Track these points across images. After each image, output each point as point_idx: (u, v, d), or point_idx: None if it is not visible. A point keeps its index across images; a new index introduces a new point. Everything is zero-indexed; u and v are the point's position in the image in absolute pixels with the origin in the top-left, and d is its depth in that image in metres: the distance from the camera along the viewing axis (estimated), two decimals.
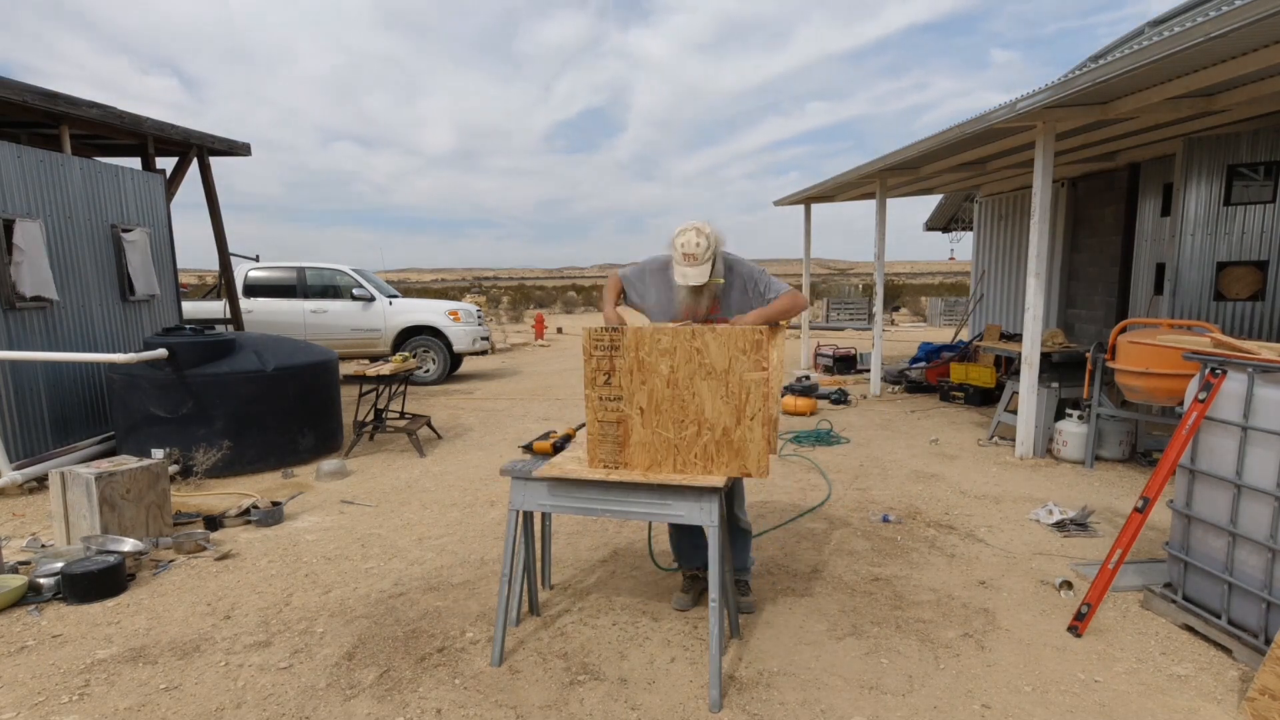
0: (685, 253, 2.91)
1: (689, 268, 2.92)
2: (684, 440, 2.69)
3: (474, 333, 10.83)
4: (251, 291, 10.28)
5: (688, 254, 2.91)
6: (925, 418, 7.81)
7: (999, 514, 4.65)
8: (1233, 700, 2.60)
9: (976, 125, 5.96)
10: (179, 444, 5.46)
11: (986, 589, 3.55)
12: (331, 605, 3.45)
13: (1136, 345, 4.53)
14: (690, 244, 2.90)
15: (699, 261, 2.91)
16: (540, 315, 21.15)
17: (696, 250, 2.89)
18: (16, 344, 5.53)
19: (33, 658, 2.98)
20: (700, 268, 2.92)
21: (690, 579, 3.46)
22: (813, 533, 4.35)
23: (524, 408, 8.70)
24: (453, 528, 4.52)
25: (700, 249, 2.89)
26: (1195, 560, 3.10)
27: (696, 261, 2.90)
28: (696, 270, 2.92)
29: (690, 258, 2.91)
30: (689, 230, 2.93)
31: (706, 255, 2.91)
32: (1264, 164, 6.47)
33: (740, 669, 2.85)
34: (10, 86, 5.87)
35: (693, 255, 2.90)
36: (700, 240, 2.90)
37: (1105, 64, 4.50)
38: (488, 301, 30.45)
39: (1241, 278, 6.68)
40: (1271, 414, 2.76)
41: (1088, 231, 10.12)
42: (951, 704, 2.61)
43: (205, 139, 8.40)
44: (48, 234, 5.85)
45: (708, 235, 2.93)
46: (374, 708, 2.62)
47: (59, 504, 4.07)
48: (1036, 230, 5.77)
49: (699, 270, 2.92)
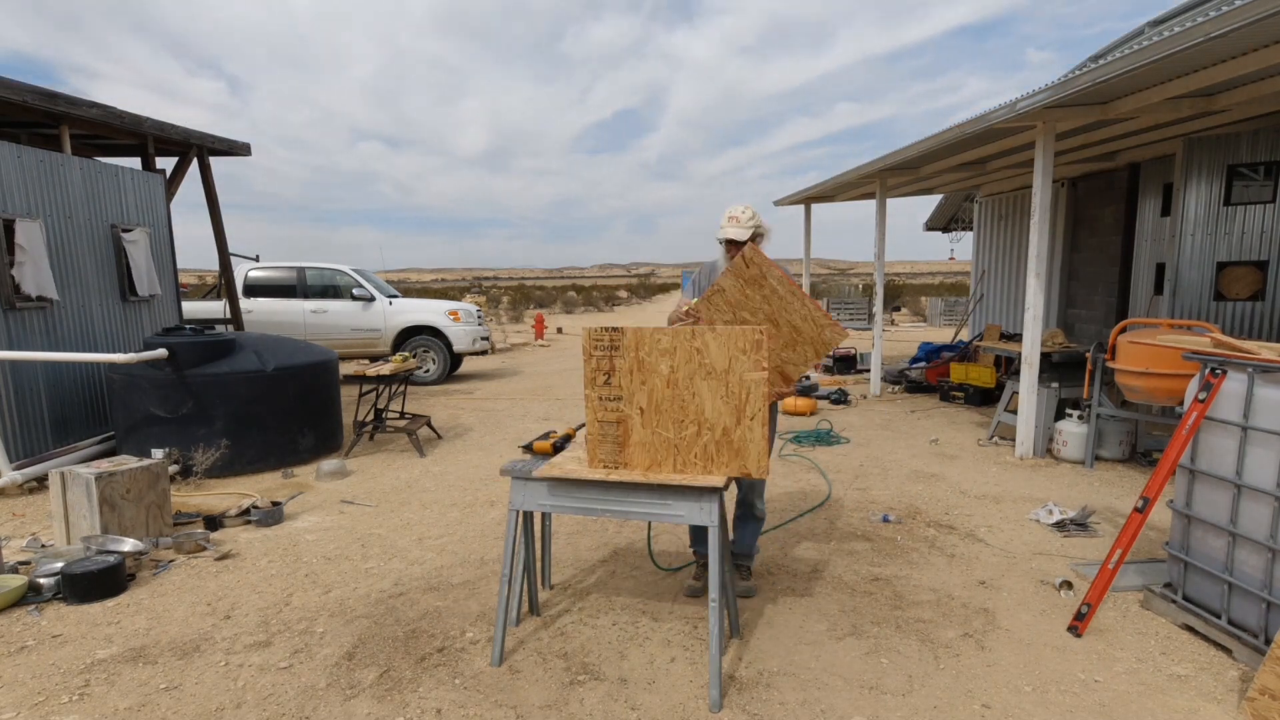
0: (731, 215, 3.33)
1: (730, 227, 3.31)
2: (684, 440, 2.70)
3: (474, 333, 10.84)
4: (251, 291, 10.28)
5: (732, 216, 3.32)
6: (925, 418, 7.81)
7: (999, 514, 4.65)
8: (1233, 700, 2.60)
9: (976, 125, 5.96)
10: (179, 444, 5.46)
11: (986, 589, 3.55)
12: (331, 605, 3.45)
13: (1136, 345, 4.53)
14: (737, 210, 3.34)
15: (741, 224, 3.30)
16: (540, 315, 21.15)
17: (740, 215, 3.32)
18: (16, 344, 5.53)
19: (33, 658, 2.98)
20: (741, 229, 3.29)
21: (703, 566, 3.56)
22: (813, 533, 4.35)
23: (524, 408, 8.70)
24: (453, 528, 4.52)
25: (744, 216, 3.32)
26: (1195, 560, 3.10)
27: (739, 224, 3.30)
28: (737, 229, 3.29)
29: (734, 220, 3.31)
30: (739, 205, 3.37)
31: (749, 221, 3.30)
32: (1264, 164, 6.47)
33: (740, 669, 2.86)
34: (10, 86, 5.87)
35: (736, 218, 3.31)
36: (746, 211, 3.34)
37: (1105, 64, 4.50)
38: (488, 301, 30.46)
39: (1241, 278, 6.68)
40: (1271, 414, 2.76)
41: (1088, 231, 10.12)
42: (951, 704, 2.61)
43: (205, 139, 8.40)
44: (48, 234, 5.85)
45: (754, 212, 3.37)
46: (374, 708, 2.62)
47: (59, 504, 4.07)
48: (1036, 230, 5.77)
49: (740, 230, 3.29)
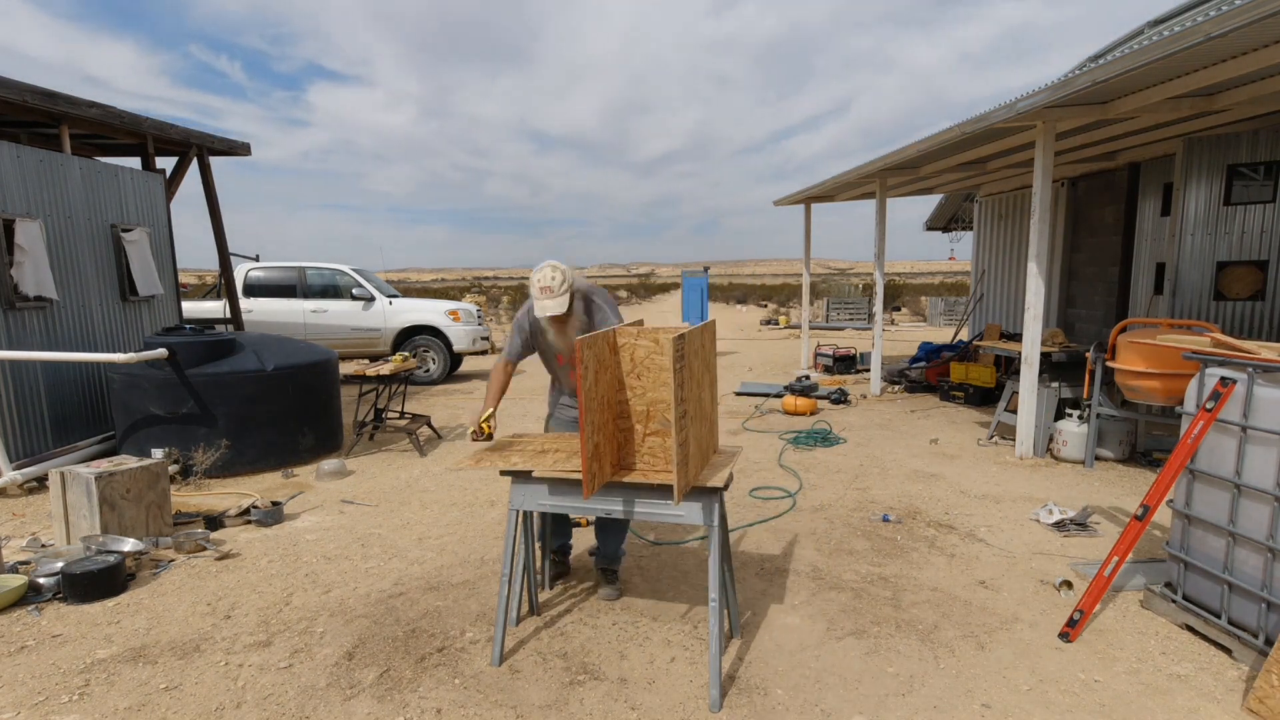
0: (542, 287, 3.10)
1: (547, 300, 3.10)
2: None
3: (474, 332, 10.83)
4: (251, 291, 10.28)
5: (544, 288, 3.10)
6: (925, 417, 7.81)
7: (999, 514, 4.65)
8: (1233, 700, 2.60)
9: (976, 125, 5.96)
10: (179, 444, 5.46)
11: (986, 589, 3.55)
12: (331, 605, 3.45)
13: (1136, 345, 4.53)
14: (545, 278, 3.10)
15: (555, 294, 3.09)
16: None
17: (551, 284, 3.09)
18: (16, 344, 5.53)
19: (33, 658, 2.98)
20: (557, 300, 3.09)
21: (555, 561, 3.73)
22: (813, 533, 4.35)
23: (524, 407, 8.70)
24: (453, 528, 4.52)
25: (555, 282, 3.09)
26: (1195, 560, 3.10)
27: (553, 294, 3.09)
28: (554, 301, 3.09)
29: (547, 290, 3.09)
30: (545, 268, 3.14)
31: (562, 288, 3.09)
32: (1264, 164, 6.47)
33: (740, 669, 2.86)
34: (10, 86, 5.87)
35: (549, 289, 3.09)
36: (555, 275, 3.10)
37: (1105, 64, 4.49)
38: (487, 301, 30.45)
39: (1241, 277, 6.68)
40: (1271, 414, 2.76)
41: (1088, 231, 10.12)
42: (951, 704, 2.61)
43: (205, 139, 8.39)
44: (48, 234, 5.85)
45: (562, 270, 3.13)
46: (374, 707, 2.62)
47: (59, 504, 4.07)
48: (1036, 230, 5.77)
49: (556, 302, 3.09)
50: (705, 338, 2.86)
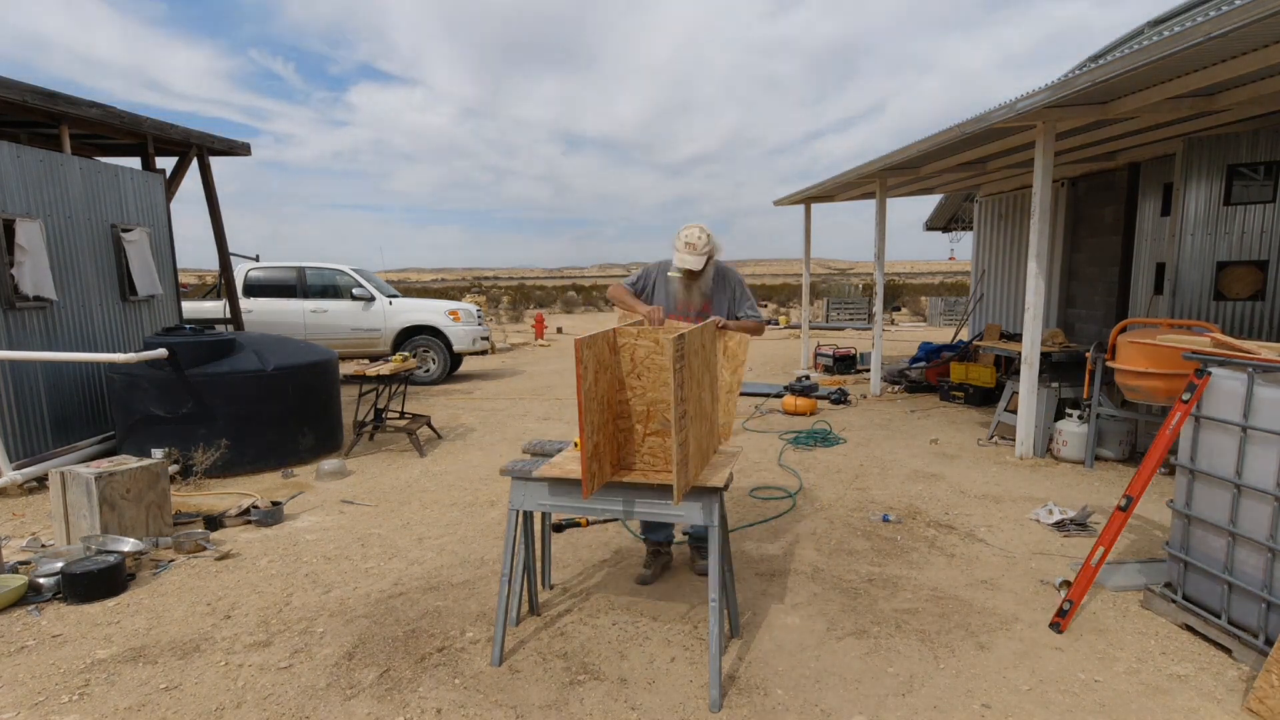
0: (687, 242, 3.28)
1: (688, 255, 3.27)
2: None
3: (474, 332, 10.84)
4: (251, 291, 10.28)
5: (689, 243, 3.27)
6: (925, 417, 7.81)
7: (999, 514, 4.65)
8: (1233, 700, 2.60)
9: (976, 125, 5.96)
10: (179, 444, 5.45)
11: (986, 589, 3.55)
12: (331, 605, 3.45)
13: (1136, 345, 4.53)
14: (693, 236, 3.28)
15: (697, 251, 3.27)
16: (540, 315, 21.15)
17: (696, 241, 3.27)
18: (16, 344, 5.53)
19: (33, 658, 2.98)
20: (697, 256, 3.27)
21: (653, 554, 3.76)
22: (813, 532, 4.35)
23: (524, 408, 8.70)
24: (453, 528, 4.52)
25: (700, 242, 3.27)
26: (1195, 560, 3.10)
27: (695, 251, 3.27)
28: (694, 258, 3.27)
29: (690, 246, 3.27)
30: (693, 227, 3.31)
31: (704, 248, 3.28)
32: (1264, 164, 6.47)
33: (740, 669, 2.85)
34: (10, 86, 5.87)
35: (692, 245, 3.27)
36: (701, 236, 3.28)
37: (1105, 64, 4.49)
38: (488, 301, 30.45)
39: (1241, 277, 6.68)
40: (1271, 414, 2.76)
41: (1088, 231, 10.11)
42: (951, 704, 2.61)
43: (205, 139, 8.39)
44: (48, 234, 5.85)
45: (709, 235, 3.31)
46: (374, 707, 2.62)
47: (59, 504, 4.07)
48: (1036, 230, 5.77)
49: (696, 258, 3.27)
50: (705, 338, 2.86)
